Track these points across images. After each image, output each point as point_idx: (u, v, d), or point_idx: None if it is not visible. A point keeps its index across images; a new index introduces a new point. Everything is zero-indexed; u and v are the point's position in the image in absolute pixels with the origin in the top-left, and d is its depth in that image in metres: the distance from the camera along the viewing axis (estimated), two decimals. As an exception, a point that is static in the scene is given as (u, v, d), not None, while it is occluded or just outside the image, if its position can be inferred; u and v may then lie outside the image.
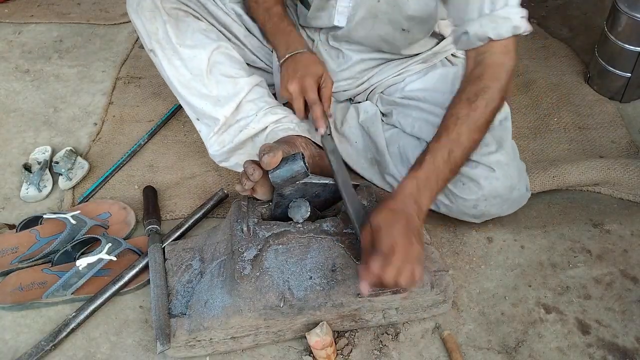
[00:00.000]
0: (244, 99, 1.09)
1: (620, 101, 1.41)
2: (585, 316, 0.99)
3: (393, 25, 1.08)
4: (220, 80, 1.09)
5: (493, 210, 1.06)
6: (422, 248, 0.85)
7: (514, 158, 1.04)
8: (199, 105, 1.10)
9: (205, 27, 1.13)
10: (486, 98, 0.90)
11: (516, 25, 0.90)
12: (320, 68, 1.09)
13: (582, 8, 1.74)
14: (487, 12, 0.91)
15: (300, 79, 1.06)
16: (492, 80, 0.91)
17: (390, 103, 1.19)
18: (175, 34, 1.09)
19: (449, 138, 0.90)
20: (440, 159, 0.89)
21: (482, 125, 0.92)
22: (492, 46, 0.92)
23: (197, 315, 0.92)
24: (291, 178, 0.93)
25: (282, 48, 1.13)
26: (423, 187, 0.88)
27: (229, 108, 1.08)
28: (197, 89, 1.09)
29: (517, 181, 1.04)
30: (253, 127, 1.09)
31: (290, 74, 1.08)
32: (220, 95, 1.08)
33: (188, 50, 1.08)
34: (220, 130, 1.10)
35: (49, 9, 1.87)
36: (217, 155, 1.13)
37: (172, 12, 1.11)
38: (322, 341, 0.90)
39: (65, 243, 1.10)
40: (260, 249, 0.95)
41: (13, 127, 1.45)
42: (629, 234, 1.12)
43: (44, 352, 0.96)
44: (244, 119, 1.09)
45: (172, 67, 1.10)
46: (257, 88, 1.12)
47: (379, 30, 1.10)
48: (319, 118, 1.05)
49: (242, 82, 1.09)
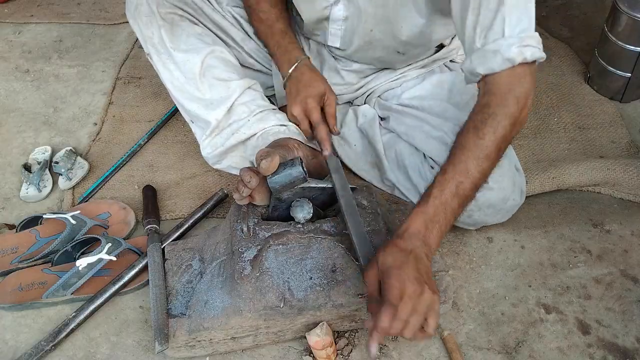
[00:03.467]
0: (236, 102, 1.09)
1: (620, 101, 1.41)
2: (585, 316, 0.99)
3: (388, 50, 1.09)
4: (213, 84, 1.09)
5: (487, 219, 1.07)
6: (437, 295, 0.78)
7: (508, 169, 1.02)
8: (192, 109, 1.11)
9: (201, 31, 1.14)
10: (493, 125, 0.85)
11: (509, 57, 0.84)
12: (322, 86, 1.10)
13: (582, 8, 1.74)
14: (478, 47, 0.88)
15: (303, 102, 1.08)
16: (499, 107, 0.86)
17: (386, 108, 1.19)
18: (170, 38, 1.10)
19: (456, 170, 0.84)
20: (448, 192, 0.83)
21: (490, 154, 0.85)
22: (499, 75, 0.87)
23: (197, 316, 0.92)
24: (290, 183, 0.93)
25: (284, 67, 1.13)
26: (431, 224, 0.83)
27: (220, 111, 1.09)
28: (191, 92, 1.10)
29: (511, 192, 1.03)
30: (244, 132, 1.10)
31: (293, 98, 1.10)
32: (212, 98, 1.09)
33: (182, 54, 1.09)
34: (213, 133, 1.10)
35: (49, 9, 1.87)
36: (210, 158, 1.14)
37: (168, 17, 1.11)
38: (322, 341, 0.90)
39: (65, 243, 1.10)
40: (260, 249, 0.95)
41: (13, 127, 1.45)
42: (629, 234, 1.12)
43: (44, 352, 0.96)
44: (236, 122, 1.10)
45: (166, 70, 1.11)
46: (249, 91, 1.12)
47: (375, 54, 1.12)
48: (323, 140, 1.06)
49: (234, 85, 1.10)
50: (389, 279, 0.77)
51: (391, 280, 0.77)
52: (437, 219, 0.83)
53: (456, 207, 0.85)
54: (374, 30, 1.05)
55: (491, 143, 0.85)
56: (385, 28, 1.04)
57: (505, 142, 0.87)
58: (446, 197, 0.83)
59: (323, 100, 1.10)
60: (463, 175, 0.84)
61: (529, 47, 0.85)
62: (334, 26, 1.09)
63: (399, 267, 0.78)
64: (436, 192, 0.84)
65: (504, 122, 0.85)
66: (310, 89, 1.09)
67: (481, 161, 0.85)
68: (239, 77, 1.11)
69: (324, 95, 1.10)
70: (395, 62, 1.15)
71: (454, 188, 0.84)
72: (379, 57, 1.13)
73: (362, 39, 1.08)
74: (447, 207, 0.84)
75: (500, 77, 0.87)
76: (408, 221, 0.84)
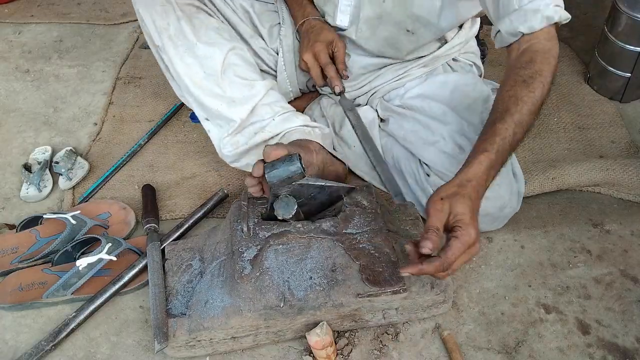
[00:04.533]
0: (260, 102, 1.09)
1: (620, 101, 1.41)
2: (585, 316, 1.00)
3: (398, 27, 1.08)
4: (234, 82, 1.08)
5: (484, 226, 1.07)
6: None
7: (505, 176, 1.02)
8: (212, 105, 1.09)
9: (218, 25, 1.13)
10: (542, 81, 0.88)
11: (548, 16, 0.90)
12: (331, 34, 1.14)
13: (582, 8, 1.74)
14: (517, 7, 0.91)
15: (312, 46, 1.12)
16: (544, 64, 0.90)
17: (388, 109, 1.19)
18: (192, 30, 1.08)
19: (514, 119, 0.86)
20: (507, 141, 0.86)
21: (538, 109, 0.89)
22: (536, 35, 0.91)
23: (197, 316, 0.92)
24: (287, 178, 0.93)
25: (298, 18, 1.19)
26: (492, 171, 0.85)
27: (244, 110, 1.08)
28: (210, 88, 1.08)
29: (508, 199, 1.04)
30: (269, 131, 1.09)
31: (304, 45, 1.15)
32: (234, 96, 1.08)
33: (205, 47, 1.08)
34: (235, 131, 1.09)
35: (49, 9, 1.87)
36: (230, 156, 1.13)
37: (185, 8, 1.09)
38: (322, 341, 0.90)
39: (65, 243, 1.10)
40: (260, 249, 0.95)
41: (13, 127, 1.45)
42: (629, 234, 1.12)
43: (44, 352, 0.96)
44: (259, 122, 1.09)
45: (184, 64, 1.08)
46: (272, 92, 1.12)
47: (384, 32, 1.11)
48: (333, 77, 1.11)
49: (259, 86, 1.10)
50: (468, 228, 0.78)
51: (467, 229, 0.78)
52: (497, 166, 0.85)
53: (507, 155, 0.87)
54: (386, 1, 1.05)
55: (539, 97, 0.88)
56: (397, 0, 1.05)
57: (547, 98, 0.90)
58: (505, 145, 0.86)
59: (332, 47, 1.14)
60: (518, 125, 0.87)
61: (561, 7, 0.90)
62: (344, 2, 1.11)
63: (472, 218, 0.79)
64: (498, 140, 0.85)
65: (549, 78, 0.90)
66: (320, 36, 1.14)
67: (532, 113, 0.88)
68: (260, 78, 1.12)
69: (332, 42, 1.14)
70: (402, 45, 1.14)
71: (511, 137, 0.86)
72: (388, 36, 1.12)
73: (372, 10, 1.08)
74: (504, 154, 0.86)
75: (538, 36, 0.91)
76: (474, 165, 0.84)
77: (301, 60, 1.16)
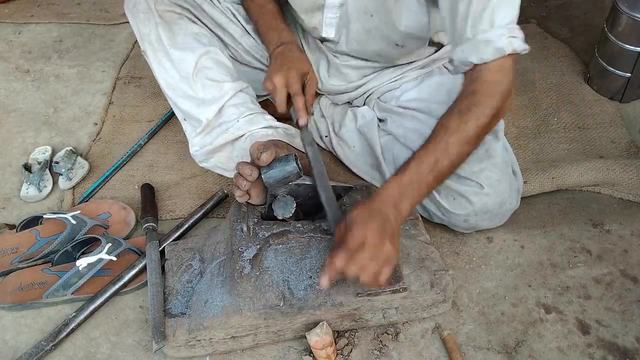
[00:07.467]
0: (227, 103, 1.10)
1: (620, 101, 1.41)
2: (585, 316, 0.99)
3: (386, 41, 1.08)
4: (206, 84, 1.10)
5: (484, 223, 1.08)
6: (396, 251, 0.84)
7: (505, 172, 1.04)
8: (185, 107, 1.11)
9: (198, 30, 1.14)
10: (477, 113, 0.88)
11: (499, 48, 0.87)
12: (307, 66, 1.11)
13: (582, 8, 1.74)
14: (470, 37, 0.89)
15: (286, 73, 1.08)
16: (485, 96, 0.89)
17: (386, 110, 1.19)
18: (167, 36, 1.10)
19: (437, 147, 0.88)
20: (425, 166, 0.87)
21: (471, 139, 0.89)
22: (487, 67, 0.89)
23: (197, 315, 0.92)
24: (284, 179, 0.93)
25: (273, 43, 1.14)
26: (404, 192, 0.87)
27: (211, 110, 1.09)
28: (184, 90, 1.10)
29: (508, 196, 1.04)
30: (232, 133, 1.10)
31: (276, 67, 1.09)
32: (205, 97, 1.10)
33: (178, 52, 1.10)
34: (204, 131, 1.11)
35: (49, 9, 1.87)
36: (197, 155, 1.15)
37: (166, 15, 1.12)
38: (322, 341, 0.90)
39: (65, 243, 1.10)
40: (260, 248, 0.95)
41: (13, 127, 1.45)
42: (629, 234, 1.12)
43: (44, 352, 0.96)
44: (225, 123, 1.11)
45: (162, 69, 1.11)
46: (241, 93, 1.12)
47: (373, 46, 1.11)
48: (300, 109, 1.06)
49: (227, 87, 1.10)
50: (353, 228, 0.82)
51: (354, 229, 0.82)
52: (410, 189, 0.87)
53: (431, 182, 0.89)
54: (374, 16, 1.05)
55: (473, 129, 0.88)
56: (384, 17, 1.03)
57: (486, 130, 0.90)
58: (423, 170, 0.87)
59: (305, 79, 1.10)
60: (442, 154, 0.88)
61: (516, 39, 0.88)
62: (328, 14, 1.09)
63: (365, 221, 0.83)
64: (413, 165, 0.88)
65: (488, 111, 0.89)
66: (295, 63, 1.10)
67: (461, 144, 0.89)
68: (231, 79, 1.12)
69: (307, 73, 1.10)
70: (394, 56, 1.14)
71: (432, 163, 0.87)
72: (378, 50, 1.12)
73: (361, 25, 1.07)
74: (422, 179, 0.87)
75: (488, 67, 0.89)
76: (383, 187, 0.88)
77: (268, 80, 1.08)
